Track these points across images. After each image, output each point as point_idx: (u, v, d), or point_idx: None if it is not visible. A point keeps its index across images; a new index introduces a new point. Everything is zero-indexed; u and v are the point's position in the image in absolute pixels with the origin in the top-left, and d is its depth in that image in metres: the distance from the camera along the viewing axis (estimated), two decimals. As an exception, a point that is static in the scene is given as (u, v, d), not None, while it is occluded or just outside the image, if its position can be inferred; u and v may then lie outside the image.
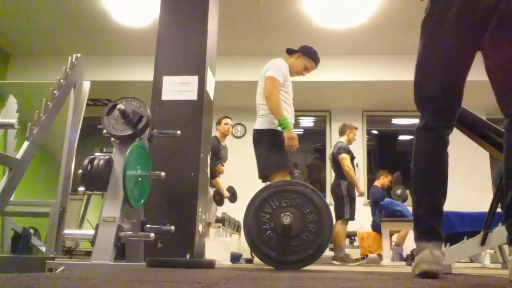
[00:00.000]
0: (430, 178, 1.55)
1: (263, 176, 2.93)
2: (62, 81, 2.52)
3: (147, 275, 1.16)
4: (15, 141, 2.86)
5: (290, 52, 3.17)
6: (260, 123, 2.94)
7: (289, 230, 1.99)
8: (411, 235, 5.61)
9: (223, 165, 4.70)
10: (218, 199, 4.60)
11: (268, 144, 2.85)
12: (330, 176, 6.76)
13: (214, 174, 4.56)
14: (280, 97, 2.87)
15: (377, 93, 6.39)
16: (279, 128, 2.82)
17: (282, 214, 1.99)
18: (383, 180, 5.75)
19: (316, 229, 2.01)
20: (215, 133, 4.71)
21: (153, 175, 2.13)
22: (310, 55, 3.14)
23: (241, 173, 5.44)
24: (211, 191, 4.51)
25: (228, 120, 4.86)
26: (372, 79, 6.00)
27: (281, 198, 2.06)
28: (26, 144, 2.25)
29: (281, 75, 2.91)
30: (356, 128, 5.11)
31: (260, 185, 3.00)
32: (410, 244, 5.59)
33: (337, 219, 4.66)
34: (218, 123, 4.85)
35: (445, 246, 3.13)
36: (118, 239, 1.87)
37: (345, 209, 4.68)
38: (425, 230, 1.48)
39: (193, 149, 2.64)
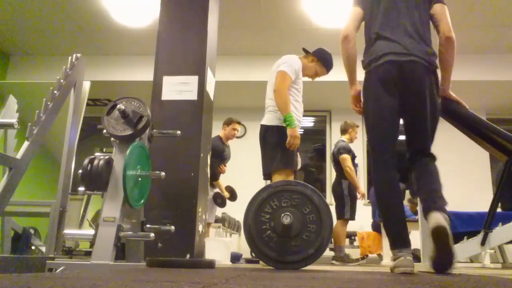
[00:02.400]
0: (393, 205, 1.98)
1: (267, 174, 2.89)
2: (62, 81, 2.52)
3: (147, 275, 1.16)
4: (15, 141, 2.86)
5: (306, 51, 3.13)
6: (268, 119, 2.90)
7: (289, 230, 1.99)
8: (413, 235, 5.62)
9: (225, 165, 4.67)
10: (220, 202, 4.57)
11: (275, 141, 2.81)
12: (330, 176, 6.76)
13: (216, 175, 4.54)
14: (289, 93, 2.83)
15: (377, 93, 6.38)
16: None
17: (282, 214, 1.99)
18: None
19: (316, 229, 2.01)
20: (219, 132, 4.67)
21: (153, 175, 2.13)
22: (324, 62, 3.09)
23: (241, 173, 5.45)
24: (212, 192, 4.50)
25: (237, 126, 4.78)
26: (372, 79, 6.01)
27: (281, 198, 2.06)
28: (26, 144, 2.25)
29: (293, 72, 2.86)
30: (357, 126, 5.05)
31: (260, 185, 3.00)
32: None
33: (337, 219, 4.65)
34: (227, 124, 4.76)
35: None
36: (118, 239, 1.87)
37: (346, 208, 4.65)
38: (397, 239, 1.90)
39: (193, 149, 2.64)
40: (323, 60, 3.08)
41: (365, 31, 2.21)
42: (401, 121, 2.09)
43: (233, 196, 4.83)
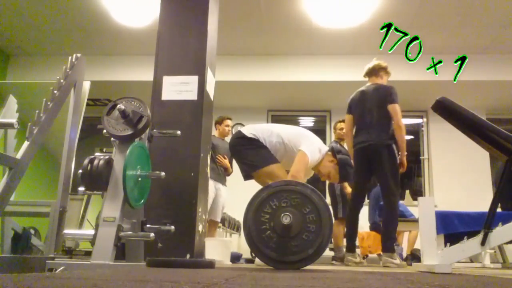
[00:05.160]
0: (352, 226, 3.85)
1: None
2: (62, 81, 2.52)
3: (147, 275, 1.16)
4: (15, 141, 2.86)
5: (332, 152, 2.96)
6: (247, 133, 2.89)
7: (289, 230, 1.99)
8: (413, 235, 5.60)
9: (225, 157, 4.61)
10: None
11: (254, 146, 2.84)
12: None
13: (228, 170, 4.65)
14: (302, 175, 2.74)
15: (377, 93, 6.39)
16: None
17: (282, 214, 1.98)
18: None
19: (316, 229, 2.01)
20: (213, 132, 4.69)
21: (153, 175, 2.13)
22: (342, 170, 2.92)
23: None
24: (213, 191, 4.49)
25: (229, 122, 4.82)
26: (372, 79, 6.02)
27: (280, 198, 2.06)
28: (26, 144, 2.25)
29: (310, 160, 2.76)
30: (339, 121, 4.88)
31: (259, 185, 3.00)
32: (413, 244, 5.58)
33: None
34: (219, 122, 4.82)
35: (445, 246, 3.12)
36: (118, 239, 1.87)
37: (338, 208, 4.66)
38: (351, 246, 3.82)
39: (193, 149, 2.64)
40: (343, 168, 2.91)
41: (355, 123, 3.77)
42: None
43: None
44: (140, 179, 2.06)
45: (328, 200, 5.60)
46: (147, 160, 2.14)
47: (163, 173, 2.12)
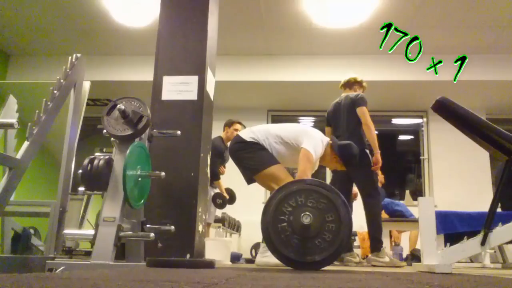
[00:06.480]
0: None
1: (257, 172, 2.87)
2: (62, 81, 2.52)
3: (147, 275, 1.16)
4: (15, 141, 2.86)
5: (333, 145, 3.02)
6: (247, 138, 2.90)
7: (305, 230, 1.96)
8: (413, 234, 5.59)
9: (224, 167, 4.68)
10: (220, 203, 4.55)
11: (254, 149, 2.84)
12: (330, 176, 6.76)
13: (217, 175, 4.54)
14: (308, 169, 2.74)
15: (377, 93, 6.38)
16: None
17: (303, 213, 1.96)
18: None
19: (332, 238, 1.97)
20: (219, 132, 4.68)
21: (153, 175, 2.13)
22: (344, 158, 2.98)
23: (240, 174, 5.44)
24: (212, 192, 4.49)
25: (239, 127, 4.75)
26: (371, 79, 6.00)
27: (308, 197, 2.02)
28: (26, 144, 2.25)
29: (315, 156, 2.78)
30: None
31: (259, 186, 3.00)
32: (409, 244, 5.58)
33: None
34: (228, 125, 4.75)
35: (445, 246, 3.12)
36: (118, 239, 1.87)
37: None
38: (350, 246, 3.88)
39: (193, 149, 2.64)
40: (345, 149, 2.96)
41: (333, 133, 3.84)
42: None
43: (232, 199, 4.80)
44: (140, 179, 2.06)
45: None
46: (147, 160, 2.14)
47: (163, 173, 2.12)
